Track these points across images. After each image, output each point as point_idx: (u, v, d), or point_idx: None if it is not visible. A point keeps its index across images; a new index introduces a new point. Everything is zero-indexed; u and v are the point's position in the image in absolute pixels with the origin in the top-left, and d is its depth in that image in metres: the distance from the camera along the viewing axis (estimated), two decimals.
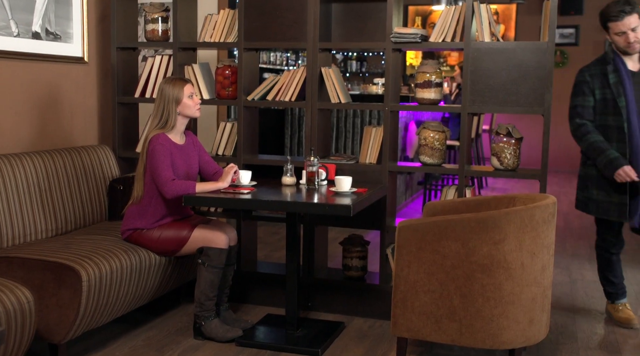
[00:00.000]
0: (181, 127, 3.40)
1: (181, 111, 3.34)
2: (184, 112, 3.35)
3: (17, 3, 3.46)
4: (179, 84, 3.35)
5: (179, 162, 3.33)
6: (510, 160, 3.52)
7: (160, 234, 3.30)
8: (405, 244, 2.86)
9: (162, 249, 3.31)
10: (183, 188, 3.20)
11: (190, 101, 3.35)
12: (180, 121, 3.37)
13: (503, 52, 3.46)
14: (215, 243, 3.25)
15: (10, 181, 3.24)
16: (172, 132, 3.36)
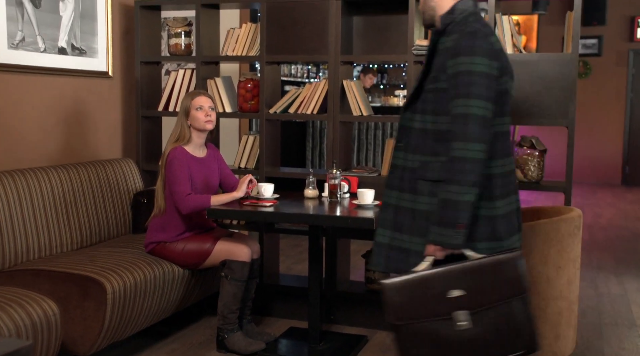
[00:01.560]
0: (199, 140, 3.38)
1: (191, 123, 3.34)
2: (193, 125, 3.34)
3: (44, 19, 3.53)
4: (190, 96, 3.36)
5: (197, 176, 3.33)
6: (534, 172, 3.49)
7: (183, 247, 3.31)
8: None
9: (186, 262, 3.32)
10: (199, 202, 3.20)
11: (197, 113, 3.31)
12: (195, 133, 3.36)
13: (526, 64, 3.44)
14: (238, 256, 3.26)
15: (37, 194, 3.28)
16: (190, 146, 3.36)
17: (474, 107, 2.01)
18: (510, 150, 2.20)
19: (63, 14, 3.66)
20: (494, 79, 2.05)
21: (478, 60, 2.03)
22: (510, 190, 2.20)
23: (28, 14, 3.43)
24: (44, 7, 3.52)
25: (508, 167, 2.19)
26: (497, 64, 2.07)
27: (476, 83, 2.02)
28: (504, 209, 2.16)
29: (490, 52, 2.05)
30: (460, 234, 2.05)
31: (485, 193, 2.11)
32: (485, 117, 2.02)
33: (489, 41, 2.08)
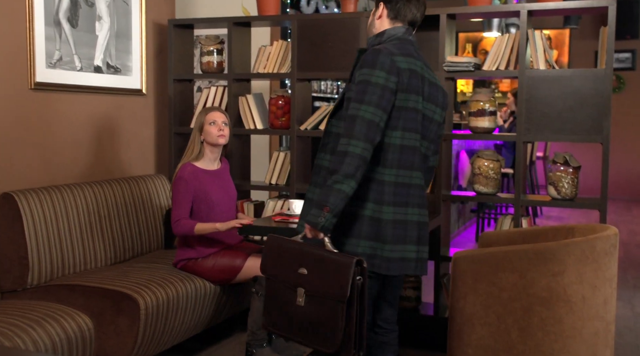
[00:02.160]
0: (212, 155, 3.42)
1: (204, 138, 3.37)
2: (207, 140, 3.37)
3: (80, 39, 3.60)
4: (204, 112, 3.40)
5: (213, 188, 3.37)
6: (568, 189, 3.44)
7: (214, 264, 3.34)
8: (461, 275, 2.82)
9: (217, 277, 3.34)
10: (185, 228, 3.26)
11: (211, 127, 3.34)
12: (208, 148, 3.40)
13: (559, 80, 3.41)
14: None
15: (72, 210, 3.34)
16: (203, 161, 3.40)
17: (362, 110, 2.26)
18: (412, 165, 2.38)
19: (99, 34, 3.74)
20: (390, 91, 2.28)
21: (377, 73, 2.28)
22: (407, 201, 2.38)
23: (65, 34, 3.51)
24: (81, 26, 3.60)
25: (405, 179, 2.37)
26: (395, 79, 2.29)
27: (370, 91, 2.27)
28: (394, 216, 2.35)
29: (390, 68, 2.29)
30: (323, 216, 2.24)
31: (374, 196, 2.34)
32: (373, 121, 2.25)
33: (392, 59, 2.31)
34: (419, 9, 2.49)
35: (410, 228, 2.40)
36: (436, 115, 2.47)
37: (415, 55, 2.42)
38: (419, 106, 2.37)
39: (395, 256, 2.37)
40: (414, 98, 2.35)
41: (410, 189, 2.39)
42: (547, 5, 3.41)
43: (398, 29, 2.46)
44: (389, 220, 2.35)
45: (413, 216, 2.40)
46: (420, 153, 2.42)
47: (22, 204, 3.08)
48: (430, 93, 2.42)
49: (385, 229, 2.34)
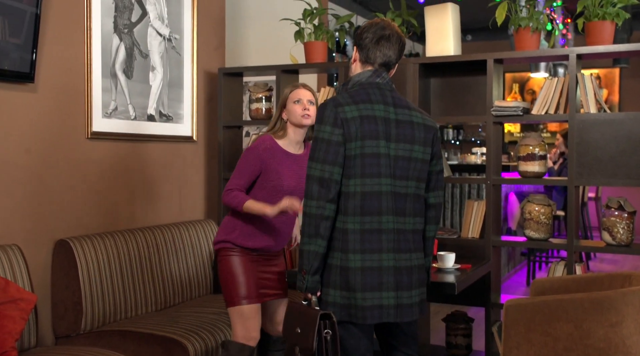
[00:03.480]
0: (295, 136, 3.02)
1: (287, 117, 3.00)
2: (290, 119, 2.99)
3: (135, 89, 3.73)
4: (289, 88, 3.06)
5: (287, 173, 2.97)
6: (623, 235, 3.35)
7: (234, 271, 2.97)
8: (513, 324, 2.75)
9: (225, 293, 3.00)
10: (234, 201, 2.91)
11: (294, 106, 2.97)
12: (291, 129, 3.01)
13: (610, 123, 3.36)
14: (236, 335, 2.93)
15: (124, 256, 3.41)
16: (284, 141, 3.01)
17: (312, 168, 2.31)
18: (379, 210, 2.34)
19: (152, 84, 3.86)
20: (336, 144, 2.30)
21: (322, 128, 2.32)
22: (381, 247, 2.34)
23: (121, 85, 3.64)
24: (136, 77, 3.73)
25: (373, 225, 2.34)
26: (340, 130, 2.30)
27: (317, 148, 2.31)
28: (362, 263, 2.32)
29: (334, 121, 2.30)
30: (303, 280, 2.33)
31: (340, 245, 2.34)
32: (322, 178, 2.29)
33: (337, 110, 2.32)
34: (390, 48, 2.43)
35: (386, 274, 2.34)
36: (415, 153, 2.39)
37: (375, 99, 2.37)
38: (381, 150, 2.33)
39: (369, 304, 2.32)
40: (371, 143, 2.32)
41: (382, 235, 2.34)
42: (597, 49, 3.38)
43: (364, 74, 2.43)
44: (356, 268, 2.32)
45: (388, 262, 2.35)
46: (392, 197, 2.35)
47: (77, 250, 3.16)
48: (400, 133, 2.36)
49: (354, 277, 2.32)
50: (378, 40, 2.41)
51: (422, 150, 2.42)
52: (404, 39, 2.48)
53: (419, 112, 2.45)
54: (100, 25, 3.49)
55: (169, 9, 3.98)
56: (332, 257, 2.35)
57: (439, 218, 2.57)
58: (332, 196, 2.29)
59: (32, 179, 3.18)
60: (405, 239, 2.39)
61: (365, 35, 2.42)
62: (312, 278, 2.31)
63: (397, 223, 2.37)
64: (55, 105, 3.29)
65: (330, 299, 2.35)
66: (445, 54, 3.75)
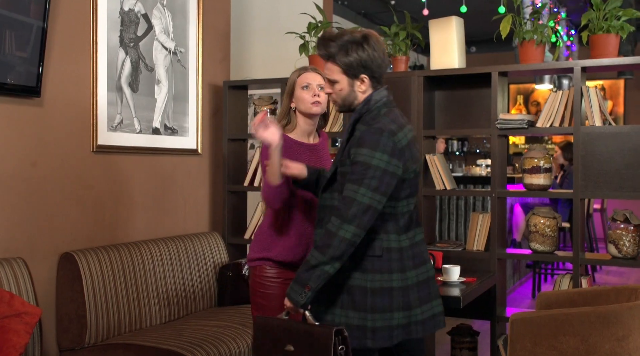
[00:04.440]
0: (306, 126, 2.74)
1: (296, 105, 2.71)
2: (299, 107, 2.70)
3: (140, 102, 3.75)
4: (297, 72, 2.74)
5: (307, 163, 2.67)
6: (629, 248, 3.34)
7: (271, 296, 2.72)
8: (519, 338, 2.73)
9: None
10: (265, 186, 2.61)
11: (303, 92, 2.66)
12: (301, 119, 2.73)
13: (616, 136, 3.35)
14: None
15: (129, 269, 3.41)
16: (295, 132, 2.75)
17: (360, 194, 2.17)
18: (414, 223, 2.36)
19: (158, 97, 3.88)
20: (391, 175, 2.20)
21: (378, 155, 2.19)
22: (422, 260, 2.35)
23: (126, 98, 3.65)
24: (141, 91, 3.75)
25: (415, 238, 2.35)
26: (397, 162, 2.22)
27: (369, 175, 2.18)
28: (417, 278, 2.31)
29: (392, 151, 2.20)
30: (304, 294, 2.21)
31: (398, 265, 2.27)
32: (371, 207, 2.18)
33: (394, 139, 2.21)
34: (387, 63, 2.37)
35: (432, 283, 2.41)
36: (420, 167, 2.43)
37: (404, 120, 2.32)
38: (414, 174, 2.32)
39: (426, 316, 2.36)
40: (414, 166, 2.31)
41: (422, 246, 2.39)
42: (602, 62, 3.39)
43: (381, 93, 2.32)
44: (413, 284, 2.31)
45: (429, 272, 2.40)
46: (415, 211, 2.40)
47: (81, 263, 3.16)
48: (417, 156, 2.36)
49: (413, 293, 2.31)
50: (384, 54, 2.32)
51: (420, 163, 2.50)
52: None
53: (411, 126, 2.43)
54: (107, 40, 3.52)
55: (175, 22, 4.01)
56: (392, 280, 2.26)
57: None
58: (369, 226, 2.20)
59: (38, 193, 3.19)
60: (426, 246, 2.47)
61: (378, 53, 2.28)
62: (312, 295, 2.23)
63: (421, 234, 2.41)
64: (61, 119, 3.31)
65: (396, 322, 2.26)
66: (450, 67, 3.76)
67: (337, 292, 2.29)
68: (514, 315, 2.78)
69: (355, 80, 2.30)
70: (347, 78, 2.31)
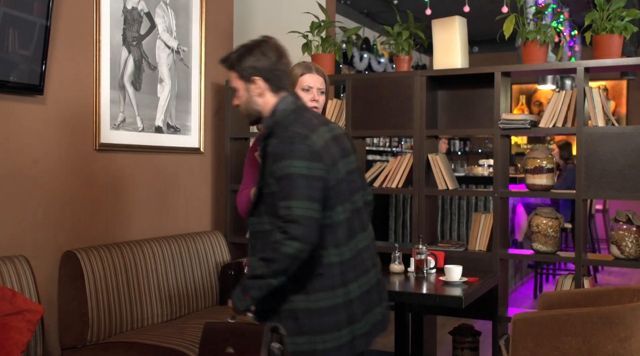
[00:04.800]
0: None
1: None
2: None
3: (143, 101, 3.75)
4: (300, 69, 2.66)
5: None
6: (632, 249, 3.33)
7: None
8: (521, 339, 2.73)
9: None
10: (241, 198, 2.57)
11: (303, 94, 2.61)
12: None
13: (619, 137, 3.35)
14: None
15: (131, 267, 3.41)
16: None
17: (294, 208, 2.07)
18: (354, 231, 2.21)
19: (160, 96, 3.88)
20: (318, 179, 2.10)
21: (296, 163, 2.09)
22: (363, 269, 2.23)
23: (129, 97, 3.66)
24: (144, 89, 3.75)
25: (356, 249, 2.21)
26: (319, 164, 2.11)
27: (295, 186, 2.07)
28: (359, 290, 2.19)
29: (310, 155, 2.11)
30: (245, 301, 2.15)
31: (339, 279, 2.15)
32: (308, 217, 2.06)
33: (308, 143, 2.12)
34: (291, 68, 2.34)
35: (375, 290, 2.28)
36: (354, 162, 2.28)
37: (316, 122, 2.21)
38: (342, 171, 2.20)
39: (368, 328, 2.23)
40: (338, 168, 2.18)
41: (362, 254, 2.24)
42: (605, 63, 3.38)
43: (286, 100, 2.24)
44: (357, 297, 2.20)
45: (372, 279, 2.26)
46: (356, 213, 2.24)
47: (84, 262, 3.16)
48: (342, 148, 2.24)
49: (357, 307, 2.20)
50: (281, 59, 2.25)
51: (355, 158, 2.30)
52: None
53: (332, 124, 2.33)
54: (109, 38, 3.52)
55: (178, 21, 4.01)
56: (336, 296, 2.16)
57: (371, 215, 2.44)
58: (315, 238, 2.09)
59: (40, 191, 3.19)
60: (374, 248, 2.33)
61: (269, 62, 2.22)
62: (253, 303, 2.16)
63: (365, 240, 2.27)
64: (64, 117, 3.31)
65: (344, 340, 2.15)
66: (453, 66, 3.75)
67: (283, 320, 2.18)
68: (516, 315, 2.78)
69: (249, 83, 2.25)
70: (243, 82, 2.27)
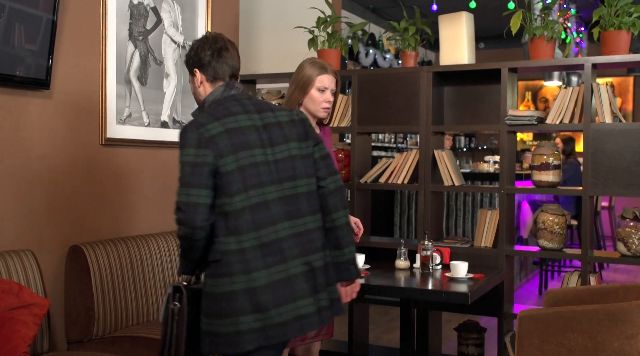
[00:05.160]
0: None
1: (304, 101, 2.68)
2: (306, 105, 2.68)
3: (149, 95, 3.75)
4: (317, 68, 2.66)
5: None
6: (638, 246, 3.32)
7: None
8: (527, 335, 2.73)
9: None
10: None
11: (317, 94, 2.64)
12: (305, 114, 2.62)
13: (626, 133, 3.33)
14: None
15: (137, 262, 3.42)
16: None
17: (178, 194, 2.22)
18: (268, 220, 2.21)
19: (166, 90, 3.88)
20: (201, 165, 2.17)
21: (185, 151, 2.20)
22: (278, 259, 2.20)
23: (135, 91, 3.66)
24: (150, 84, 3.75)
25: (267, 237, 2.20)
26: (205, 151, 2.18)
27: (182, 173, 2.21)
28: (268, 279, 2.18)
29: (198, 142, 2.18)
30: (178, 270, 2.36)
31: (241, 267, 2.17)
32: (188, 203, 2.19)
33: (200, 131, 2.20)
34: (232, 58, 2.39)
35: (298, 281, 2.22)
36: (293, 150, 2.28)
37: (236, 111, 2.27)
38: (258, 159, 2.22)
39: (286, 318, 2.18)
40: (245, 154, 2.21)
41: (282, 243, 2.22)
42: (613, 59, 3.36)
43: (216, 91, 2.34)
44: (265, 285, 2.17)
45: (296, 269, 2.22)
46: (283, 202, 2.23)
47: (90, 256, 3.17)
48: (272, 137, 2.27)
49: (264, 295, 2.17)
50: (219, 54, 2.35)
51: (299, 145, 2.30)
52: (234, 44, 2.45)
53: (284, 111, 2.37)
54: (116, 33, 3.52)
55: (184, 16, 4.00)
56: (234, 283, 2.16)
57: (344, 203, 2.39)
58: (199, 223, 2.16)
59: (46, 185, 3.20)
60: (311, 240, 2.27)
61: (204, 54, 2.35)
62: (182, 268, 2.31)
63: (295, 227, 2.24)
64: (70, 111, 3.31)
65: (244, 326, 2.14)
66: (459, 62, 3.74)
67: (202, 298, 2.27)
68: (522, 311, 2.78)
69: (192, 76, 2.41)
70: (190, 76, 2.43)
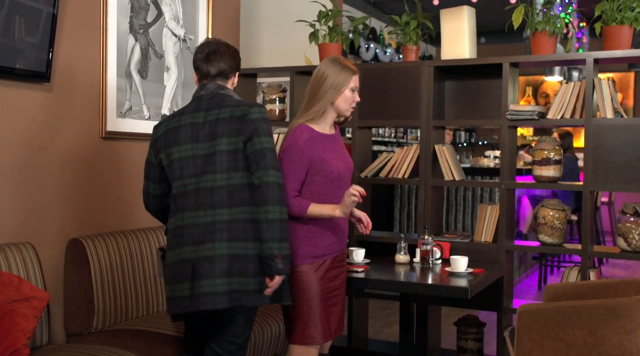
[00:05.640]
0: (330, 120, 2.81)
1: (336, 101, 2.74)
2: (337, 104, 2.74)
3: (149, 89, 3.74)
4: (346, 71, 2.74)
5: (332, 156, 2.74)
6: (638, 241, 3.32)
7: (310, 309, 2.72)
8: (526, 330, 2.73)
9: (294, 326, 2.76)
10: (297, 208, 2.64)
11: (350, 94, 2.74)
12: (333, 114, 2.79)
13: (627, 129, 3.33)
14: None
15: (137, 255, 3.42)
16: (318, 123, 2.77)
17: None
18: (180, 208, 2.59)
19: (167, 84, 3.87)
20: (148, 162, 2.74)
21: (148, 150, 2.75)
22: (177, 242, 2.56)
23: (136, 85, 3.65)
24: (150, 77, 3.74)
25: (175, 223, 2.60)
26: (151, 150, 2.71)
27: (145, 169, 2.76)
28: (172, 259, 2.59)
29: (150, 143, 2.72)
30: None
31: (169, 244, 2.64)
32: (144, 191, 2.81)
33: (154, 132, 2.71)
34: (221, 60, 2.66)
35: (185, 266, 2.52)
36: (220, 146, 2.53)
37: (187, 111, 2.64)
38: (185, 154, 2.57)
39: (173, 295, 2.55)
40: (175, 150, 2.60)
41: (182, 230, 2.56)
42: (615, 54, 3.36)
43: (195, 91, 2.70)
44: (169, 264, 2.60)
45: (190, 254, 2.52)
46: (197, 193, 2.54)
47: (89, 249, 3.17)
48: (205, 133, 2.56)
49: (168, 272, 2.63)
50: (207, 57, 2.65)
51: (228, 141, 2.52)
52: (233, 47, 2.71)
53: (231, 107, 2.57)
54: (116, 26, 3.51)
55: (184, 9, 3.99)
56: (169, 256, 2.61)
57: (269, 199, 2.45)
58: (151, 207, 2.82)
59: (46, 178, 3.19)
60: (216, 230, 2.49)
61: (196, 57, 2.68)
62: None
63: (198, 217, 2.52)
64: (71, 104, 3.31)
65: (169, 294, 2.61)
66: (461, 57, 3.73)
67: None
68: (521, 306, 2.78)
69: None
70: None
